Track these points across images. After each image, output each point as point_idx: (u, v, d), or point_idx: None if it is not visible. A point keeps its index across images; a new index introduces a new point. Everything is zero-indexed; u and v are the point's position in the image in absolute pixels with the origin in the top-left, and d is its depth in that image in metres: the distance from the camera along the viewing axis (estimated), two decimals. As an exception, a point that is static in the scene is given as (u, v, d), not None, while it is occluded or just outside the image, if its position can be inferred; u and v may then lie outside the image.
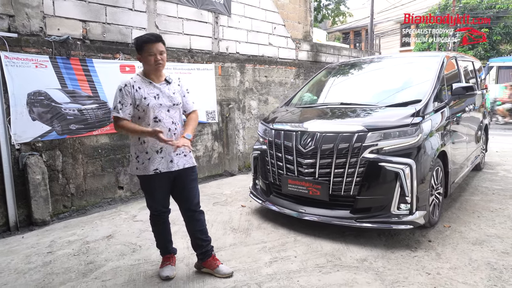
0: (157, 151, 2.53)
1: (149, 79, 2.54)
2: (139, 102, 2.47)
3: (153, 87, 2.53)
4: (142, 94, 2.47)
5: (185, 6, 5.52)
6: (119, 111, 2.45)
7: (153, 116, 2.49)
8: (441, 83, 3.87)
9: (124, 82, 2.49)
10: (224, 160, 6.19)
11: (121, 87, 2.47)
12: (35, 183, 3.88)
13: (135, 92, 2.47)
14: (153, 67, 2.49)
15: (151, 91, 2.51)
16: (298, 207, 3.47)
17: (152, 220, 2.78)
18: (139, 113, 2.50)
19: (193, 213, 2.70)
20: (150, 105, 2.47)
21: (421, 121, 3.20)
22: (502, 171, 5.72)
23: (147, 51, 2.45)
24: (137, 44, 2.50)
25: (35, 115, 3.97)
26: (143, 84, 2.51)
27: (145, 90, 2.49)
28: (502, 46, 18.42)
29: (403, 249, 3.07)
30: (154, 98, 2.50)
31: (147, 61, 2.48)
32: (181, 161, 2.61)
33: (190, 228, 2.73)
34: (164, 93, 2.55)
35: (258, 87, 6.83)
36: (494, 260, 2.82)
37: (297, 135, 3.44)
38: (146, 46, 2.45)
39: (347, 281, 2.56)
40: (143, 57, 2.49)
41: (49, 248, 3.27)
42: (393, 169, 3.03)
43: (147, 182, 2.59)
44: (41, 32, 4.04)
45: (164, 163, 2.54)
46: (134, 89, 2.47)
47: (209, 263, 2.72)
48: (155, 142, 2.49)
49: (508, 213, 3.84)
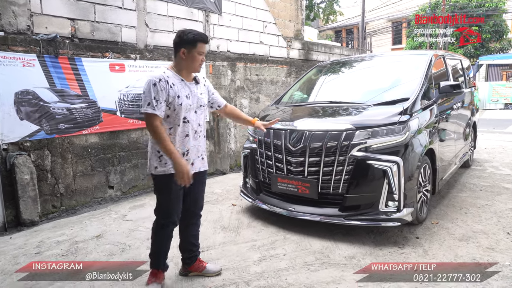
0: (184, 153, 2.38)
1: (180, 75, 2.37)
2: (172, 100, 2.28)
3: (185, 85, 2.37)
4: (176, 91, 2.29)
5: (175, 5, 5.49)
6: (155, 107, 2.21)
7: (183, 117, 2.34)
8: (429, 81, 3.91)
9: (157, 76, 2.25)
10: (215, 159, 6.19)
11: (155, 82, 2.23)
12: (23, 183, 3.85)
13: (170, 89, 2.27)
14: (197, 67, 2.38)
15: (183, 89, 2.35)
16: (287, 205, 3.49)
17: (159, 229, 2.49)
18: (169, 112, 2.30)
19: (196, 216, 2.65)
20: (183, 105, 2.31)
21: (408, 119, 3.23)
22: (490, 167, 5.80)
23: (198, 49, 2.32)
24: (188, 39, 2.30)
25: (23, 114, 3.93)
26: (176, 81, 2.32)
27: (178, 87, 2.31)
28: (491, 44, 18.65)
29: (391, 246, 3.11)
30: (186, 98, 2.34)
31: (194, 59, 2.33)
32: (199, 164, 2.50)
33: (185, 231, 2.64)
34: (194, 93, 2.41)
35: (249, 85, 6.84)
36: (479, 255, 2.87)
37: (286, 134, 3.45)
38: (200, 45, 2.32)
39: (335, 278, 2.59)
40: (190, 53, 2.31)
41: (37, 249, 3.25)
42: (380, 167, 3.06)
43: (167, 181, 2.35)
44: (29, 30, 4.00)
45: (188, 166, 2.35)
46: (169, 85, 2.27)
47: (196, 266, 2.69)
48: (182, 143, 2.37)
49: (494, 209, 3.90)
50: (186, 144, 2.38)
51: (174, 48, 2.37)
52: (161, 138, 2.22)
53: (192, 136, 2.39)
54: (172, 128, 2.34)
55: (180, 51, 2.32)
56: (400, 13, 21.67)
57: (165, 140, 2.22)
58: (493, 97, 16.38)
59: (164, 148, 2.23)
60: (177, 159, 2.22)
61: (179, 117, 2.32)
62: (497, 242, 3.10)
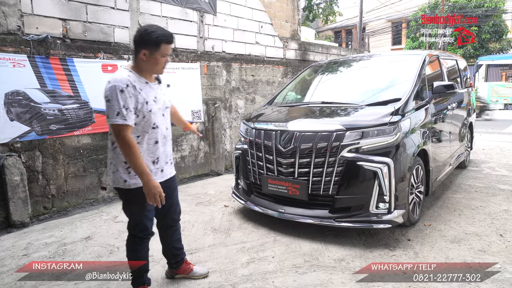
0: (154, 161, 2.18)
1: (143, 77, 2.14)
2: (140, 107, 2.04)
3: (150, 88, 2.14)
4: (145, 97, 2.07)
5: (169, 5, 5.46)
6: (125, 117, 1.96)
7: (152, 123, 2.12)
8: (423, 81, 3.88)
9: (122, 81, 2.00)
10: (210, 160, 6.16)
11: (122, 88, 1.97)
12: (13, 185, 3.82)
13: (138, 95, 2.04)
14: (160, 70, 2.15)
15: (150, 94, 2.12)
16: (278, 206, 3.46)
17: (133, 244, 2.31)
18: (137, 120, 2.06)
19: (175, 223, 2.52)
20: (152, 111, 2.09)
21: (399, 119, 3.19)
22: (487, 168, 5.75)
23: (163, 51, 2.08)
24: (151, 40, 2.05)
25: (13, 115, 3.91)
26: (141, 85, 2.10)
27: (145, 92, 2.09)
28: (491, 44, 18.60)
29: (381, 248, 3.07)
30: (154, 102, 2.12)
31: (157, 61, 2.10)
32: (168, 170, 2.32)
33: (167, 238, 2.53)
34: (160, 95, 2.21)
35: (245, 86, 6.81)
36: (470, 258, 2.83)
37: (276, 135, 3.42)
38: (164, 46, 2.08)
39: (323, 282, 2.55)
40: (152, 55, 2.07)
41: (25, 251, 3.22)
42: (371, 168, 3.02)
43: (139, 196, 2.11)
44: (19, 31, 3.97)
45: (158, 173, 2.20)
46: (137, 90, 2.04)
47: (183, 269, 2.63)
48: (152, 151, 2.15)
49: (488, 210, 3.86)
50: (156, 152, 2.18)
51: (134, 47, 2.13)
52: (134, 154, 2.00)
53: (161, 142, 2.21)
54: (140, 136, 2.12)
55: (140, 52, 2.07)
56: (400, 14, 21.63)
57: (138, 158, 2.01)
58: (493, 97, 16.32)
59: (135, 166, 2.02)
60: (149, 181, 2.02)
61: (149, 124, 2.11)
62: (489, 244, 3.06)
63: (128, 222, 2.28)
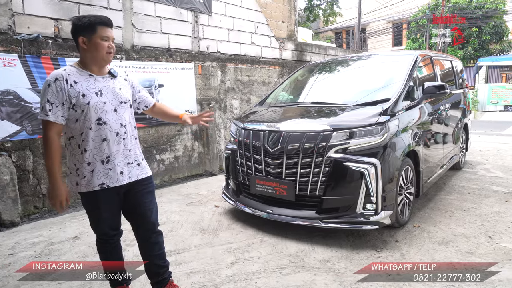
0: (103, 160, 2.03)
1: (88, 70, 2.04)
2: (75, 101, 1.95)
3: (94, 81, 2.03)
4: (80, 89, 1.97)
5: (163, 5, 5.46)
6: (47, 113, 1.91)
7: (95, 118, 2.00)
8: (414, 82, 3.85)
9: (54, 75, 1.94)
10: (204, 160, 6.15)
11: (50, 82, 1.92)
12: (3, 184, 3.83)
13: (70, 88, 1.94)
14: (104, 56, 2.03)
15: (91, 86, 2.01)
16: (266, 207, 3.44)
17: (99, 246, 2.25)
18: (76, 115, 1.97)
19: (150, 234, 2.25)
20: (91, 104, 1.98)
21: (387, 120, 3.17)
22: (482, 170, 5.72)
23: (100, 34, 1.99)
24: (84, 24, 1.97)
25: (4, 114, 3.91)
26: (80, 77, 2.00)
27: (83, 85, 1.99)
28: (491, 46, 18.53)
29: (368, 249, 3.05)
30: (96, 95, 2.01)
31: (98, 46, 1.99)
32: (134, 172, 2.14)
33: (146, 253, 2.30)
34: (109, 89, 2.07)
35: (240, 86, 6.80)
36: (456, 260, 2.81)
37: (265, 135, 3.41)
38: (101, 29, 1.99)
39: (305, 283, 2.54)
40: (91, 41, 1.98)
41: (12, 250, 3.22)
42: (358, 169, 3.00)
43: (91, 201, 2.07)
44: (10, 30, 3.98)
45: (113, 175, 2.05)
46: (68, 84, 1.95)
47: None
48: (100, 149, 2.03)
49: (480, 212, 3.83)
50: (104, 150, 2.03)
51: (74, 39, 2.05)
52: (48, 153, 1.95)
53: (113, 140, 2.05)
54: (83, 134, 2.00)
55: (79, 41, 1.99)
56: (400, 15, 21.59)
57: (50, 158, 1.95)
58: (493, 99, 16.25)
59: (46, 166, 2.00)
60: (54, 183, 1.96)
61: (91, 119, 1.99)
62: (477, 246, 3.03)
63: (90, 223, 2.22)
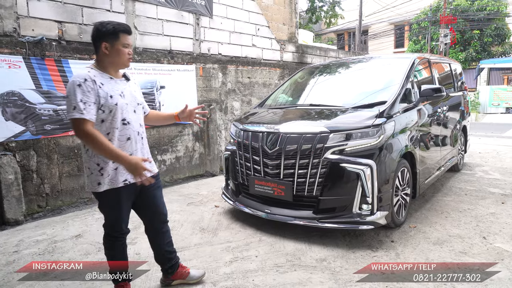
0: None
1: (108, 74, 2.14)
2: (104, 101, 2.03)
3: (115, 83, 2.13)
4: (107, 91, 2.05)
5: (165, 8, 5.55)
6: (82, 111, 1.94)
7: (121, 118, 2.10)
8: (411, 84, 3.91)
9: (81, 76, 2.00)
10: (205, 161, 6.23)
11: (80, 82, 1.97)
12: (7, 183, 3.91)
13: (99, 89, 2.02)
14: (125, 62, 2.15)
15: (115, 88, 2.10)
16: (264, 207, 3.51)
17: (110, 243, 2.32)
18: (103, 116, 2.05)
19: (163, 225, 2.45)
20: (118, 105, 2.07)
21: (383, 122, 3.23)
22: (480, 172, 5.76)
23: (122, 41, 2.10)
24: (108, 31, 2.06)
25: (8, 115, 4.00)
26: (104, 80, 2.08)
27: (108, 86, 2.07)
28: (493, 48, 18.53)
29: (364, 249, 3.11)
30: (120, 96, 2.10)
31: (120, 53, 2.09)
32: (148, 168, 2.19)
33: (158, 242, 2.47)
34: (127, 91, 2.18)
35: (241, 88, 6.87)
36: (450, 260, 2.86)
37: (263, 136, 3.47)
38: (123, 36, 2.10)
39: (301, 281, 2.60)
40: (114, 47, 2.08)
41: (16, 248, 3.30)
42: (354, 170, 3.06)
43: (114, 197, 2.16)
44: (15, 32, 4.07)
45: None
46: (97, 85, 2.02)
47: (179, 273, 2.55)
48: (124, 148, 2.11)
49: (475, 213, 3.89)
50: (128, 149, 2.14)
51: (94, 43, 2.13)
52: (98, 142, 1.96)
53: (135, 139, 2.18)
54: (110, 133, 2.09)
55: (101, 46, 2.08)
56: (401, 17, 21.62)
57: (103, 144, 1.96)
58: (494, 101, 16.26)
59: (106, 153, 1.99)
60: (125, 159, 2.00)
61: (117, 119, 2.09)
62: (471, 247, 3.09)
63: (104, 221, 2.30)
